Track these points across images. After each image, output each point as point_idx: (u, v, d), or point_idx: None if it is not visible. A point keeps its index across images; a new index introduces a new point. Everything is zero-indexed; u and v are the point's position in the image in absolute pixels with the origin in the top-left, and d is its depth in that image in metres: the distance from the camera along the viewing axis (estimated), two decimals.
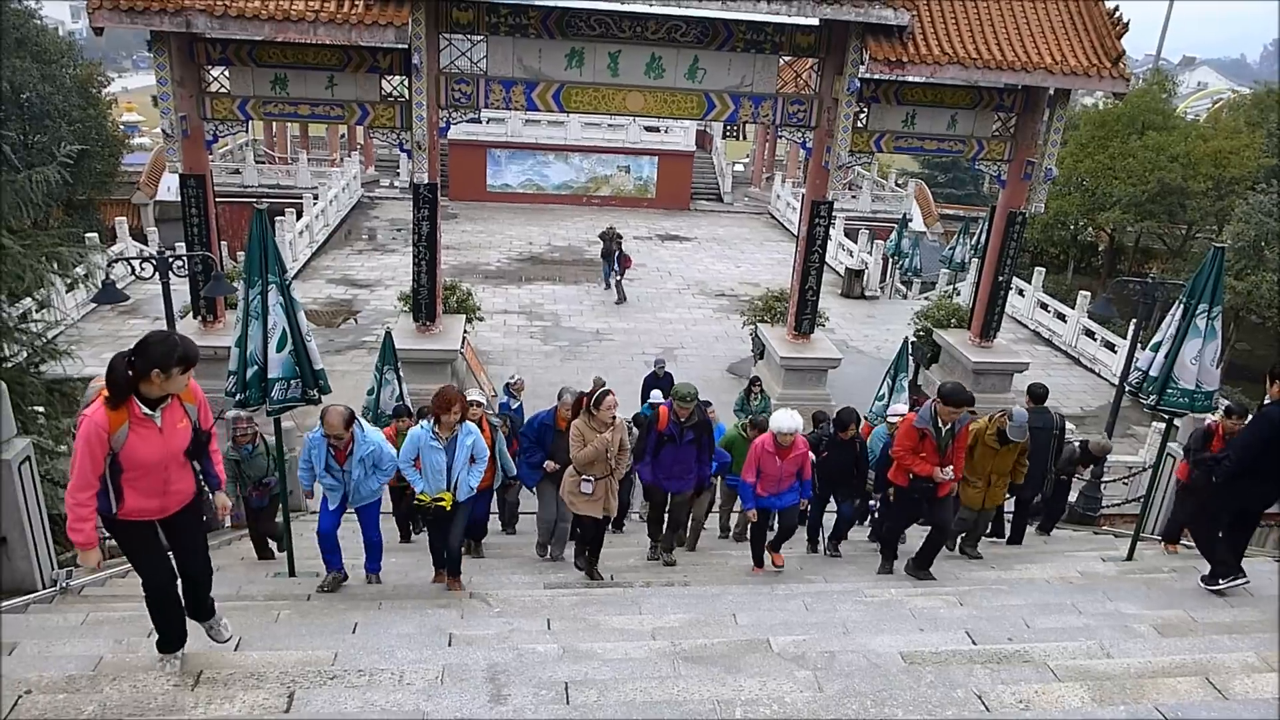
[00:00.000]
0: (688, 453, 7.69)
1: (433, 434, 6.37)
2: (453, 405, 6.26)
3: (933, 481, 7.14)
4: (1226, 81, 73.10)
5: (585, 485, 6.95)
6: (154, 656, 4.27)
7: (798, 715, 3.78)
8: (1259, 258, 23.57)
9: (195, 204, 13.97)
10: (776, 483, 7.41)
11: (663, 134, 33.58)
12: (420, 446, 6.44)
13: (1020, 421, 7.62)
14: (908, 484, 7.28)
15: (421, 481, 6.47)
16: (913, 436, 7.16)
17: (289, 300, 6.70)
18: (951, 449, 7.16)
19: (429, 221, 14.54)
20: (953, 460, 7.20)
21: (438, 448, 6.36)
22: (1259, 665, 4.66)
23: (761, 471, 7.35)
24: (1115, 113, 29.47)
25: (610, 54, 13.74)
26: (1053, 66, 13.60)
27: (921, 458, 7.14)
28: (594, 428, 6.85)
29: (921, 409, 7.28)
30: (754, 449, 7.37)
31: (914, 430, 7.15)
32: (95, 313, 18.33)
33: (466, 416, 7.20)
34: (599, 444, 6.80)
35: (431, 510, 6.46)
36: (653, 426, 7.66)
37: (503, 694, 4.00)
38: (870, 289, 24.91)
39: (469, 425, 6.55)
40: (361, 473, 6.59)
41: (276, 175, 30.93)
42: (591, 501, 7.01)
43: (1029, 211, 15.48)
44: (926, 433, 7.07)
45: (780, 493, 7.48)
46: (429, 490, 6.43)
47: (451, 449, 6.37)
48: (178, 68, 13.03)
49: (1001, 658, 4.74)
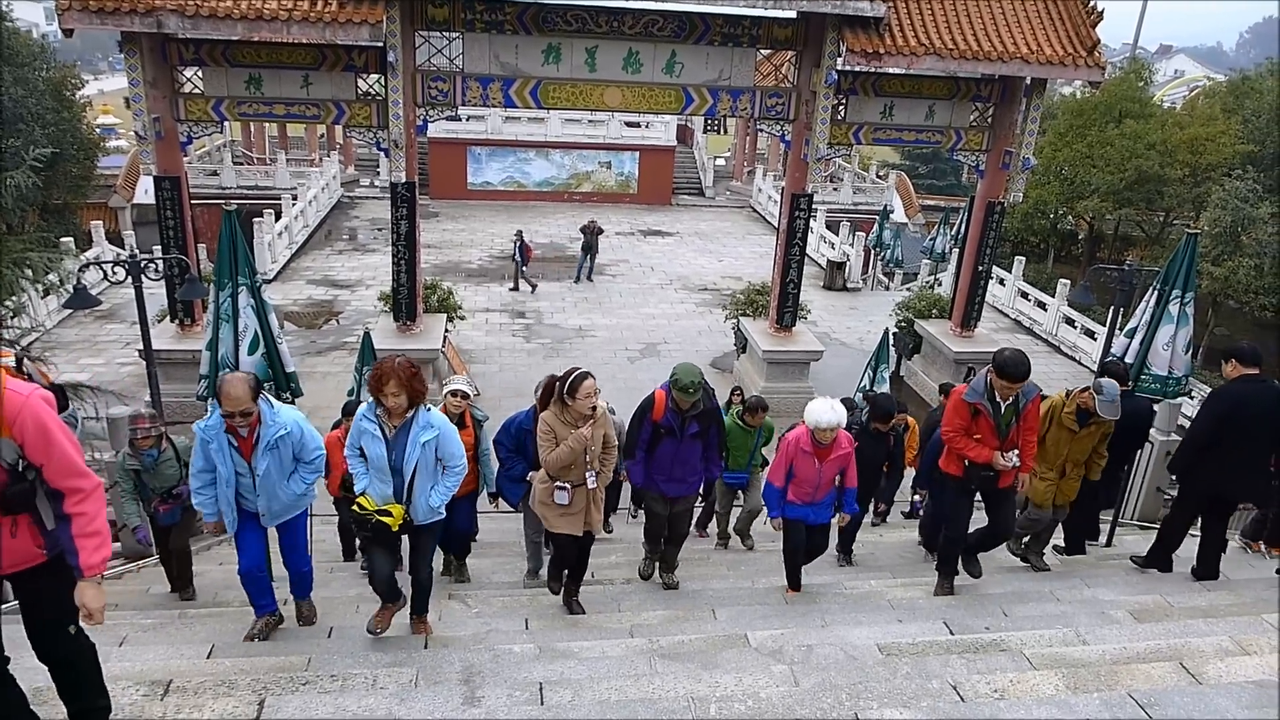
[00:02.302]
0: (691, 449, 6.16)
1: (372, 415, 4.79)
2: (386, 381, 4.65)
3: (992, 470, 5.86)
4: (1203, 69, 73.67)
5: (560, 495, 5.56)
6: (123, 667, 4.23)
7: (772, 710, 3.78)
8: (1236, 244, 23.75)
9: (171, 206, 13.88)
10: (813, 490, 6.10)
11: (643, 129, 33.54)
12: (359, 429, 4.86)
13: (1112, 395, 6.23)
14: (963, 473, 5.99)
15: (365, 479, 4.88)
16: (963, 413, 5.86)
17: (260, 302, 6.66)
18: (1016, 429, 5.84)
19: (408, 221, 14.45)
20: (1018, 443, 5.88)
21: (376, 436, 4.76)
22: (1233, 649, 4.69)
23: (794, 475, 6.06)
24: (1093, 101, 29.60)
25: (587, 49, 13.69)
26: (1029, 56, 13.65)
27: (976, 440, 5.84)
28: (568, 421, 5.41)
29: (974, 380, 5.96)
30: (785, 446, 6.07)
31: (963, 405, 5.84)
32: (71, 318, 18.17)
33: (447, 410, 6.17)
34: (575, 442, 5.37)
35: (369, 524, 4.81)
36: (645, 416, 6.14)
37: (476, 695, 3.98)
38: (852, 281, 24.97)
39: (429, 417, 4.82)
40: (275, 466, 4.93)
41: (255, 176, 30.67)
42: (569, 515, 5.62)
43: (1008, 201, 15.54)
44: (980, 409, 5.77)
45: (817, 502, 6.18)
46: (373, 495, 4.84)
47: (400, 444, 4.76)
48: (150, 69, 12.90)
49: (978, 647, 4.76)
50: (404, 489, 4.81)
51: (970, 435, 5.86)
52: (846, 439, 6.09)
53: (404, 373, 4.69)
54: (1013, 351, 5.77)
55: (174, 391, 12.68)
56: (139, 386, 13.76)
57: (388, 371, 4.69)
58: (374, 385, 4.73)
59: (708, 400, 6.09)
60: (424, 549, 5.11)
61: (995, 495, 6.08)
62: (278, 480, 4.98)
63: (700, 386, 5.88)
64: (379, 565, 4.97)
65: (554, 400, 5.49)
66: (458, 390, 6.61)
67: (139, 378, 13.93)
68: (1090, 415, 6.42)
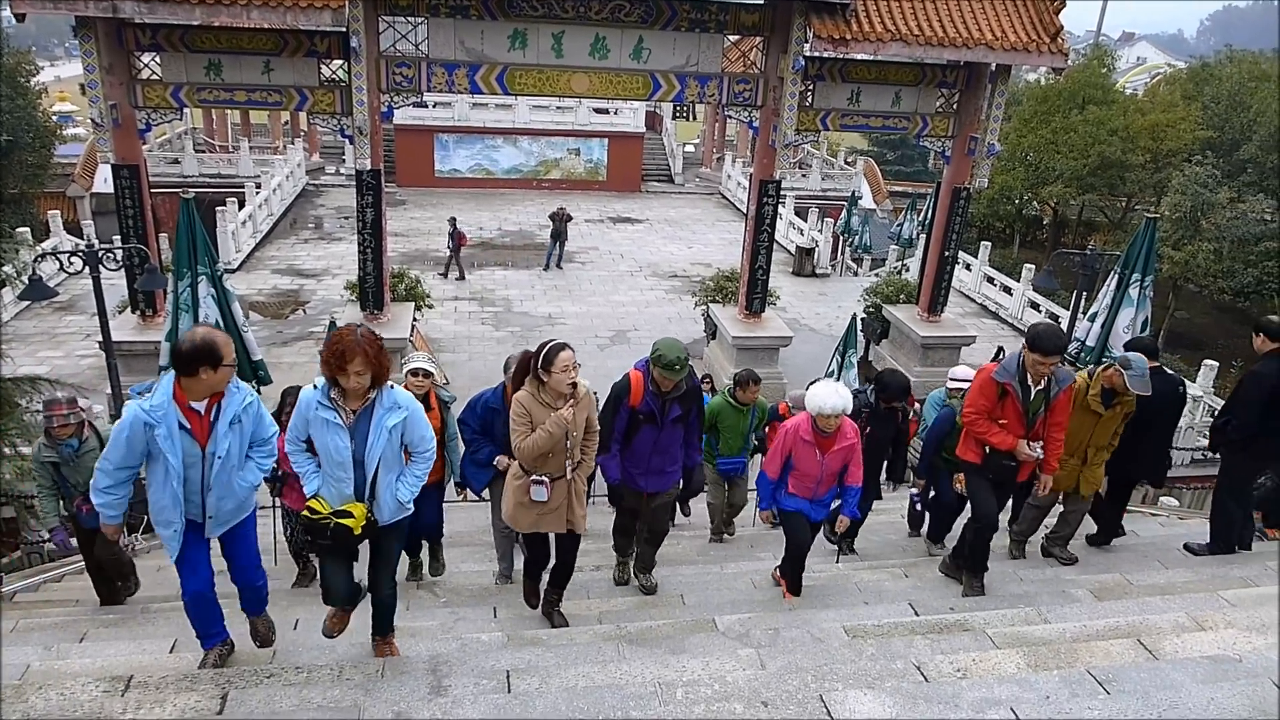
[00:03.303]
0: (671, 437, 5.47)
1: (327, 398, 4.02)
2: (349, 358, 3.88)
3: (1014, 460, 5.42)
4: (1165, 56, 74.78)
5: (537, 490, 4.79)
6: (83, 664, 4.17)
7: (739, 693, 3.80)
8: (1195, 228, 24.22)
9: (130, 195, 13.60)
10: (815, 484, 5.53)
11: (612, 116, 33.38)
12: (309, 418, 4.06)
13: (1141, 370, 5.75)
14: (981, 461, 5.53)
15: (317, 478, 4.16)
16: (989, 394, 5.38)
17: (221, 291, 6.57)
18: (1044, 418, 5.38)
19: (374, 208, 14.30)
20: (1045, 434, 5.42)
21: (336, 424, 4.01)
22: (1189, 625, 4.79)
23: (794, 467, 5.51)
24: (1057, 88, 29.97)
25: (554, 35, 13.58)
26: (993, 42, 13.75)
27: (1001, 425, 5.39)
28: (545, 402, 4.68)
29: (1005, 359, 5.48)
30: (782, 435, 5.53)
31: (991, 384, 5.36)
32: (29, 310, 17.78)
33: (410, 387, 5.53)
34: (554, 425, 4.62)
35: (328, 531, 4.08)
36: (622, 401, 5.38)
37: (443, 685, 3.96)
38: (821, 267, 25.09)
39: (395, 396, 4.12)
40: (237, 448, 4.11)
41: (217, 164, 30.15)
42: (548, 514, 4.90)
43: (973, 187, 15.67)
44: (1009, 390, 5.30)
45: (819, 497, 5.61)
46: (327, 496, 4.13)
47: (362, 431, 4.03)
48: (106, 54, 12.61)
49: (942, 628, 4.82)
50: (365, 484, 4.10)
51: (994, 420, 5.39)
52: (852, 428, 5.47)
53: (370, 347, 3.93)
54: (1047, 324, 5.38)
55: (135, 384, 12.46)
56: (99, 379, 13.50)
57: (350, 346, 3.89)
58: (332, 363, 3.93)
59: (690, 379, 5.39)
60: (388, 555, 4.40)
61: (1011, 486, 5.66)
62: (236, 466, 4.14)
63: (687, 363, 5.19)
64: (335, 578, 4.33)
65: (529, 377, 4.75)
66: (419, 368, 5.84)
67: (99, 370, 13.67)
68: (1115, 395, 5.91)
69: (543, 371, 4.65)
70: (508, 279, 22.65)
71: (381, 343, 4.07)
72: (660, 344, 5.21)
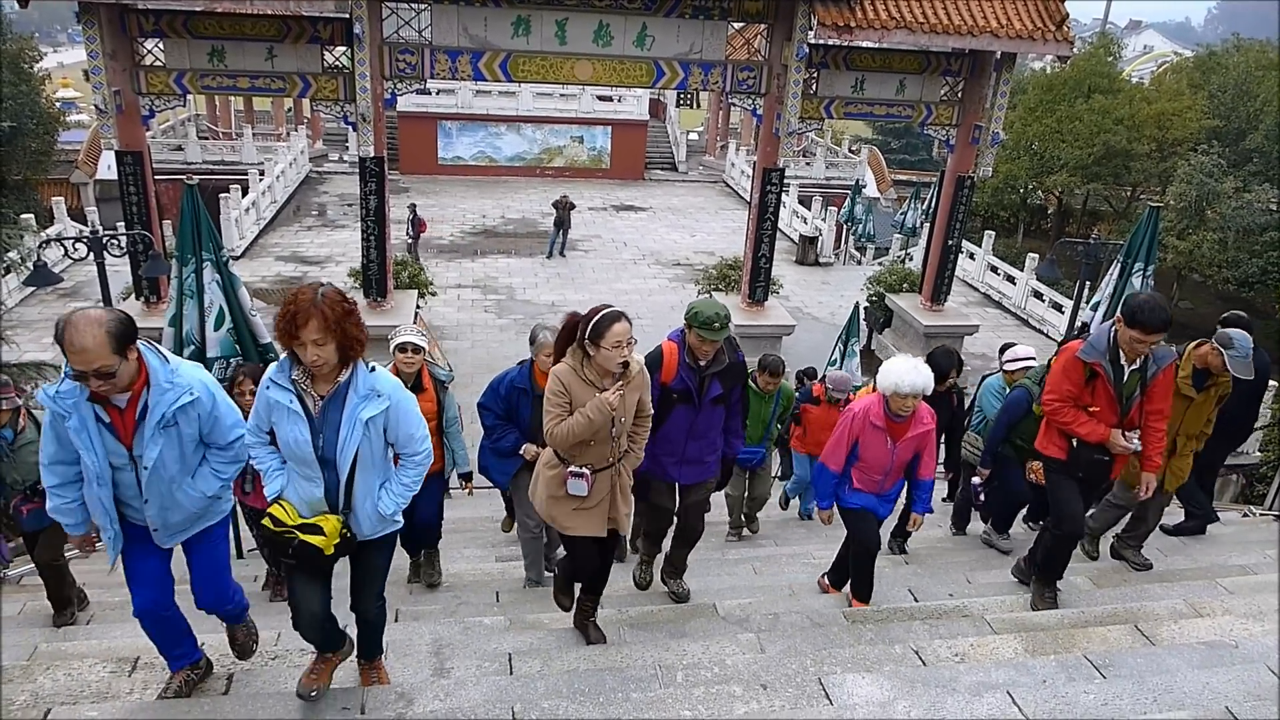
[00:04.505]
0: (710, 420, 4.69)
1: (286, 378, 3.21)
2: (302, 323, 3.06)
3: (1106, 453, 4.65)
4: (1171, 45, 74.35)
5: (576, 484, 4.00)
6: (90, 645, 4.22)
7: (738, 676, 3.84)
8: (1200, 218, 24.15)
9: (133, 181, 13.62)
10: (883, 477, 4.79)
11: (616, 103, 33.30)
12: (271, 405, 3.26)
13: (1244, 350, 5.04)
14: (1066, 456, 4.74)
15: (280, 477, 3.39)
16: (1075, 376, 4.56)
17: (226, 277, 6.59)
18: (1140, 403, 4.58)
19: (377, 196, 14.30)
20: (1143, 423, 4.62)
21: (294, 410, 3.21)
22: (1186, 612, 4.82)
23: (859, 457, 4.78)
24: (1062, 77, 29.83)
25: (557, 22, 13.55)
26: (998, 30, 13.70)
27: (1091, 414, 4.59)
28: (589, 380, 3.91)
29: (1093, 334, 4.64)
30: (848, 419, 4.77)
31: (1077, 365, 4.53)
32: (34, 296, 17.83)
33: (398, 372, 4.81)
34: (597, 411, 3.82)
35: (290, 546, 3.29)
36: (652, 376, 4.45)
37: (445, 667, 4.01)
38: (824, 255, 25.06)
39: (375, 380, 3.29)
40: (173, 454, 3.28)
41: (221, 151, 30.14)
42: (587, 512, 4.10)
43: (977, 175, 15.65)
44: (1099, 371, 4.49)
45: (885, 492, 4.88)
46: (293, 501, 3.35)
47: (332, 422, 3.23)
48: (109, 40, 12.60)
49: (941, 613, 4.86)
50: (340, 489, 3.32)
51: (1082, 407, 4.61)
52: (928, 412, 4.74)
53: (331, 308, 3.07)
54: (1146, 295, 4.60)
55: None
56: None
57: (304, 306, 3.05)
58: (285, 329, 3.10)
59: (731, 352, 4.64)
60: (371, 572, 3.61)
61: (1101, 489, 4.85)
62: (177, 476, 3.32)
63: (728, 322, 4.39)
64: (304, 602, 3.46)
65: (573, 347, 3.96)
66: (407, 343, 5.09)
67: None
68: (1209, 376, 5.26)
69: (589, 344, 3.84)
70: (510, 267, 22.65)
71: (352, 307, 3.20)
72: (697, 302, 4.51)
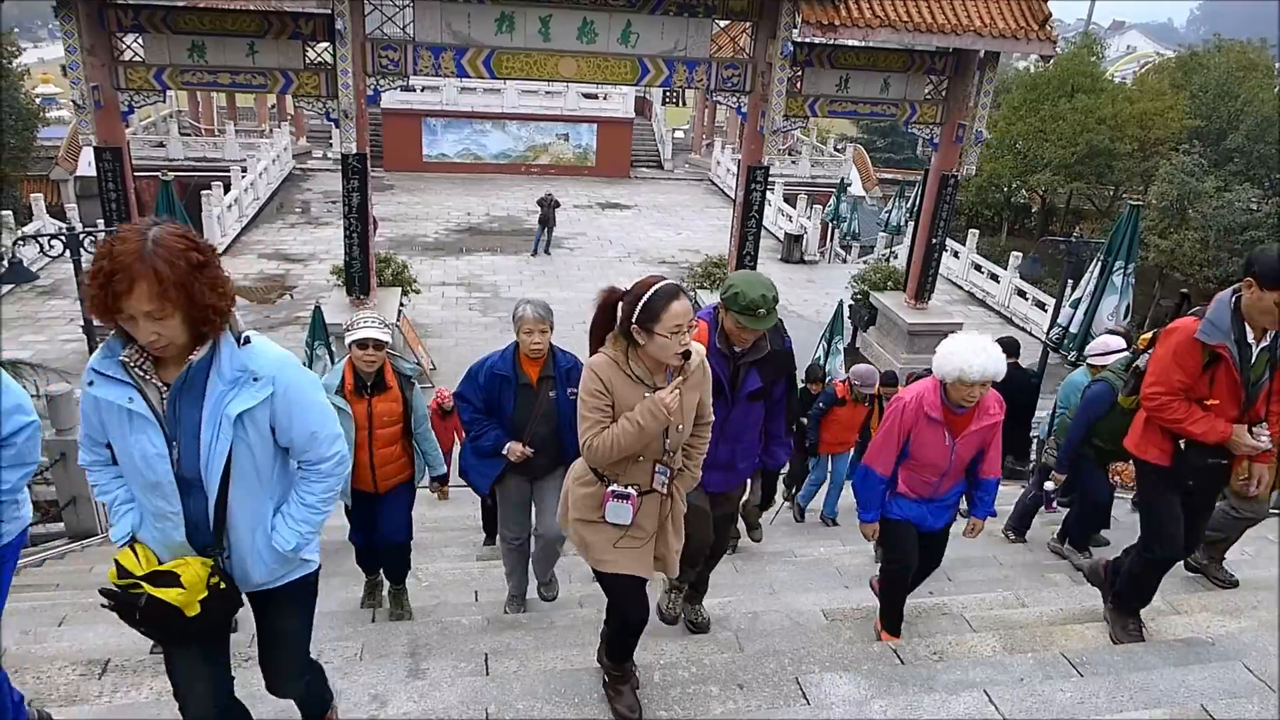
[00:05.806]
0: (746, 418, 3.82)
1: (115, 363, 2.25)
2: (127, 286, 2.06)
3: (1224, 456, 3.78)
4: (1154, 45, 74.88)
5: (617, 507, 3.09)
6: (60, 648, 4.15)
7: (715, 676, 3.82)
8: (1182, 217, 24.33)
9: (112, 178, 13.46)
10: (938, 478, 3.96)
11: (602, 101, 33.23)
12: (100, 407, 2.29)
13: None
14: (1171, 461, 3.86)
15: (130, 512, 2.44)
16: (1191, 363, 3.66)
17: None
18: (1269, 388, 3.67)
19: (359, 193, 14.20)
20: (1271, 411, 3.75)
21: (134, 410, 2.25)
22: (1165, 609, 4.83)
23: (909, 455, 3.93)
24: (1046, 76, 30.00)
25: (541, 18, 13.49)
26: (982, 29, 13.74)
27: (1209, 407, 3.68)
28: (636, 376, 3.00)
29: (1212, 311, 3.63)
30: (897, 413, 3.88)
31: (1195, 349, 3.63)
32: (12, 294, 17.62)
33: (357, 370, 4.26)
34: (649, 416, 2.91)
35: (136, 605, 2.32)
36: None
37: (421, 668, 3.97)
38: (809, 254, 25.09)
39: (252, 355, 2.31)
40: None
41: (203, 148, 29.87)
42: (633, 545, 3.18)
43: (961, 174, 15.69)
44: (1223, 355, 3.59)
45: (939, 497, 4.06)
46: (149, 542, 2.41)
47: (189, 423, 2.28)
48: (87, 35, 12.45)
49: (921, 611, 4.85)
50: (207, 519, 2.36)
51: (1195, 400, 3.69)
52: (997, 400, 3.87)
53: (170, 263, 2.08)
54: None
55: None
56: (82, 364, 13.39)
57: (126, 262, 2.05)
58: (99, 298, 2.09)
59: (779, 338, 3.83)
60: (282, 639, 2.69)
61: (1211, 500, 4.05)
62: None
63: (775, 306, 3.54)
64: (189, 688, 2.56)
65: (615, 333, 3.03)
66: (368, 339, 4.33)
67: (82, 355, 13.59)
68: None
69: (639, 329, 2.91)
70: (495, 264, 22.57)
71: (206, 258, 2.18)
72: (736, 279, 3.57)
